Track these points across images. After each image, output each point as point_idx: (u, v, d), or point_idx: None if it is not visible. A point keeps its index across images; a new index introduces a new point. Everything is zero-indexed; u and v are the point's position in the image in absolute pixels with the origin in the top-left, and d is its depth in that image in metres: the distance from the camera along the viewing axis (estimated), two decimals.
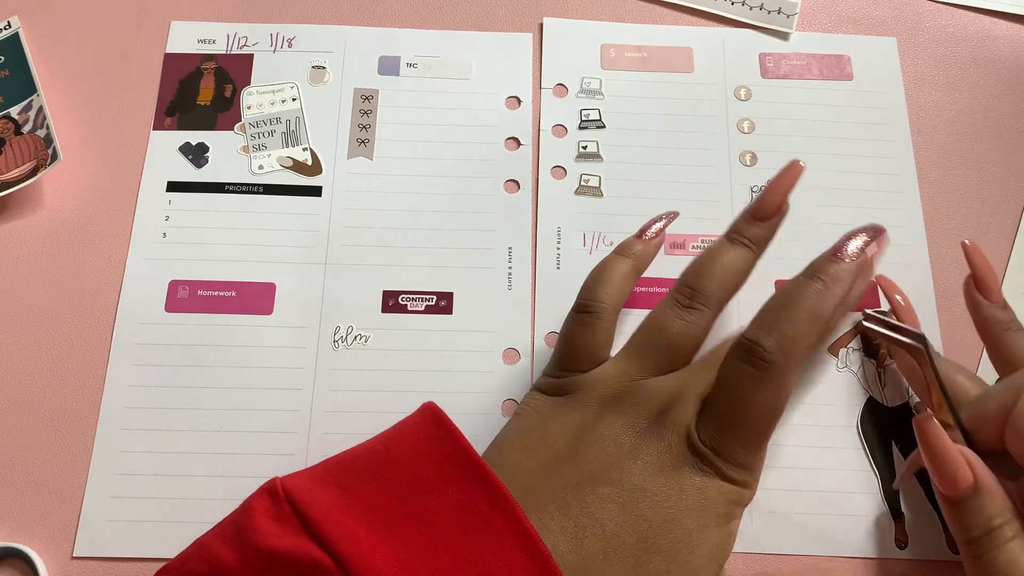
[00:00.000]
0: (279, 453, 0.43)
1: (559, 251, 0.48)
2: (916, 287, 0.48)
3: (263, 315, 0.46)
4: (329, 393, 0.45)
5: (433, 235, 0.48)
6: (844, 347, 0.47)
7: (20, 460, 0.43)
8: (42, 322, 0.46)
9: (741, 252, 0.38)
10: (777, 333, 0.32)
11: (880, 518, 0.43)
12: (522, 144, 0.51)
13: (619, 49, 0.53)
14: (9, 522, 0.42)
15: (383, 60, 0.53)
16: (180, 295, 0.46)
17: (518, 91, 0.52)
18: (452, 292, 0.47)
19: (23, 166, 0.48)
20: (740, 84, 0.53)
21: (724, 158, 0.51)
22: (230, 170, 0.50)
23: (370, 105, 0.51)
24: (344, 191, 0.49)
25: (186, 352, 0.45)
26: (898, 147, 0.52)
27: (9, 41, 0.52)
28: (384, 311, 0.46)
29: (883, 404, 0.45)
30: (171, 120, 0.51)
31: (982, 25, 0.56)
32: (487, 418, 0.44)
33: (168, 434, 0.44)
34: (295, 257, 0.48)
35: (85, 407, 0.44)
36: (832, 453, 0.44)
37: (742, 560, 0.42)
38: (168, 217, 0.48)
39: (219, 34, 0.53)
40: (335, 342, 0.46)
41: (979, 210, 0.50)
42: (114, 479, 0.43)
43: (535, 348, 0.46)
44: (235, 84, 0.52)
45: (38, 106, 0.49)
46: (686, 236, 0.49)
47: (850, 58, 0.54)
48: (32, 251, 0.48)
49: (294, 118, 0.51)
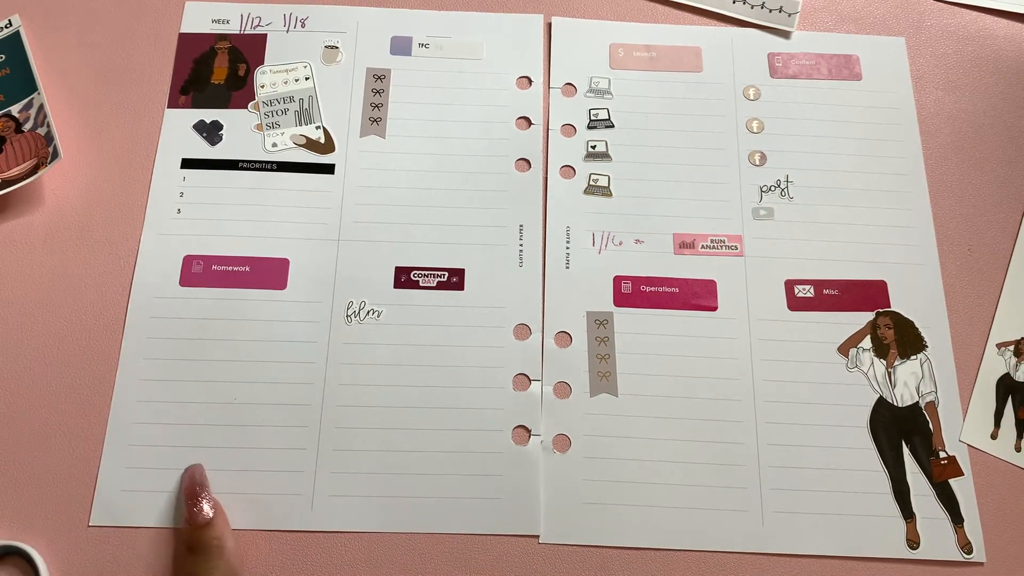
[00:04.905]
0: (292, 425, 0.44)
1: (568, 251, 0.48)
2: (926, 286, 0.48)
3: (277, 290, 0.47)
4: (342, 367, 0.45)
5: (445, 212, 0.49)
6: (854, 347, 0.47)
7: (37, 438, 0.44)
8: (53, 307, 0.46)
9: None
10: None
11: (891, 519, 0.43)
12: (533, 124, 0.51)
13: (628, 49, 0.54)
14: (26, 497, 0.43)
15: (395, 40, 0.53)
16: (195, 269, 0.47)
17: (529, 71, 0.53)
18: (463, 268, 0.47)
19: (24, 164, 0.48)
20: (749, 84, 0.53)
21: (733, 158, 0.51)
22: (244, 148, 0.50)
23: (382, 85, 0.52)
24: (357, 169, 0.50)
25: (200, 326, 0.46)
26: (907, 147, 0.52)
27: (10, 40, 0.52)
28: (396, 287, 0.47)
29: (893, 404, 0.46)
30: (185, 99, 0.51)
31: (984, 24, 0.56)
32: (498, 392, 0.45)
33: (182, 406, 0.44)
34: (308, 233, 0.48)
35: (100, 380, 0.45)
36: (842, 453, 0.44)
37: (755, 560, 0.42)
38: (183, 193, 0.49)
39: (233, 14, 0.53)
40: (348, 317, 0.46)
41: (982, 208, 0.51)
42: (129, 450, 0.43)
43: (544, 338, 0.47)
44: (249, 63, 0.52)
45: (39, 104, 0.49)
46: (696, 236, 0.49)
47: (859, 58, 0.54)
48: (35, 245, 0.48)
49: (307, 97, 0.51)
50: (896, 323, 0.47)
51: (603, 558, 0.42)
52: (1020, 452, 0.45)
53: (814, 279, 0.48)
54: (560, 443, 0.44)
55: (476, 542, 0.42)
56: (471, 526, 0.42)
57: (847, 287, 0.48)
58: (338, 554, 0.42)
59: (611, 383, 0.45)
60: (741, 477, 0.44)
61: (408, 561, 0.42)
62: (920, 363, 0.46)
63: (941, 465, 0.44)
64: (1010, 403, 0.46)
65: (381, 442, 0.44)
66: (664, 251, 0.48)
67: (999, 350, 0.47)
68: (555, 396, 0.45)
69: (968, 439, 0.45)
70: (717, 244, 0.49)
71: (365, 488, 0.43)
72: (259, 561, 0.42)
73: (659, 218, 0.49)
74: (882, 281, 0.48)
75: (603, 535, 0.42)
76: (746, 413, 0.45)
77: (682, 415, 0.45)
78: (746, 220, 0.49)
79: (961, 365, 0.47)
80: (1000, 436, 0.45)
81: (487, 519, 0.43)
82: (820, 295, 0.48)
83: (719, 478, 0.44)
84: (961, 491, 0.44)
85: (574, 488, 0.43)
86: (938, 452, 0.45)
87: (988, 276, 0.49)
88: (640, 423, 0.45)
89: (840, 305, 0.48)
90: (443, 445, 0.44)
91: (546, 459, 0.44)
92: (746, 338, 0.47)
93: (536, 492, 0.43)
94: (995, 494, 0.44)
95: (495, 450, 0.44)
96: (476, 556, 0.42)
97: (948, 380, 0.46)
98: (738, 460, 0.44)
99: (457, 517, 0.42)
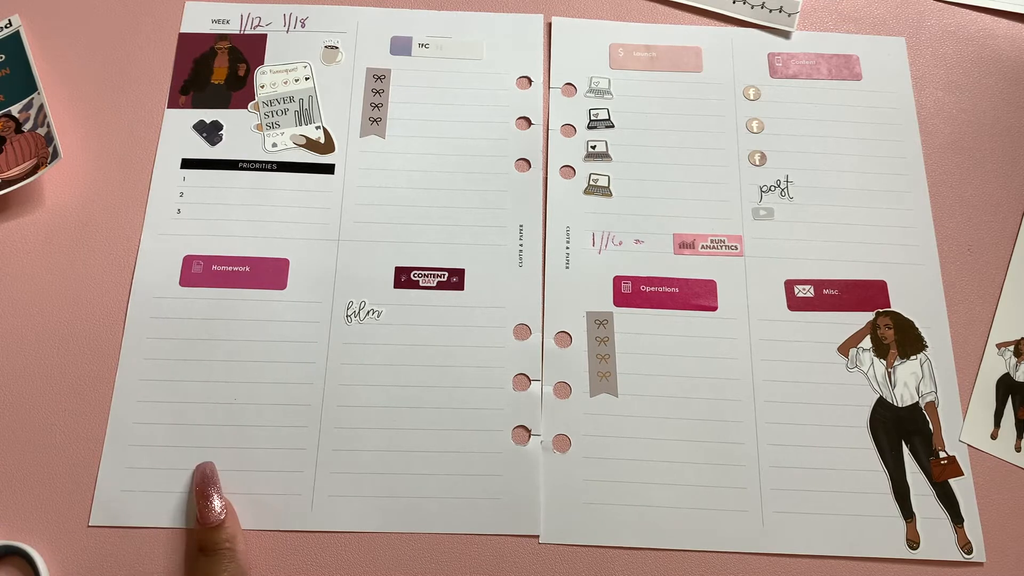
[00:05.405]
0: (292, 425, 0.44)
1: (568, 251, 0.48)
2: (926, 286, 0.48)
3: (277, 290, 0.47)
4: (342, 367, 0.45)
5: (445, 212, 0.49)
6: (854, 347, 0.47)
7: (37, 438, 0.44)
8: (53, 307, 0.46)
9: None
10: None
11: (891, 519, 0.43)
12: (533, 124, 0.51)
13: (628, 49, 0.54)
14: (26, 497, 0.43)
15: (395, 40, 0.53)
16: (195, 270, 0.47)
17: (529, 71, 0.53)
18: (463, 268, 0.47)
19: (24, 164, 0.48)
20: (749, 84, 0.53)
21: (733, 157, 0.51)
22: (244, 148, 0.50)
23: (382, 85, 0.52)
24: (356, 169, 0.50)
25: (200, 326, 0.46)
26: (907, 147, 0.52)
27: (10, 40, 0.52)
28: (396, 287, 0.47)
29: (893, 404, 0.46)
30: (185, 99, 0.51)
31: (984, 24, 0.56)
32: (497, 392, 0.45)
33: (182, 406, 0.44)
34: (308, 233, 0.48)
35: (100, 380, 0.45)
36: (842, 453, 0.44)
37: (755, 560, 0.42)
38: (182, 194, 0.49)
39: (233, 14, 0.53)
40: (348, 317, 0.46)
41: (982, 208, 0.51)
42: (129, 450, 0.43)
43: (544, 338, 0.47)
44: (249, 63, 0.52)
45: (39, 104, 0.49)
46: (696, 236, 0.49)
47: (859, 58, 0.54)
48: (35, 245, 0.48)
49: (307, 97, 0.51)
50: (896, 323, 0.47)
51: (603, 558, 0.42)
52: (1020, 452, 0.45)
53: (814, 279, 0.48)
54: (560, 443, 0.44)
55: (476, 542, 0.42)
56: (471, 526, 0.42)
57: (847, 287, 0.48)
58: (338, 554, 0.42)
59: (611, 383, 0.45)
60: (741, 477, 0.44)
61: (408, 561, 0.42)
62: (920, 363, 0.46)
63: (941, 465, 0.44)
64: (1010, 403, 0.46)
65: (381, 442, 0.44)
66: (664, 251, 0.48)
67: (999, 350, 0.47)
68: (555, 396, 0.45)
69: (968, 439, 0.45)
70: (717, 244, 0.49)
71: (365, 488, 0.43)
72: (259, 561, 0.42)
73: (659, 218, 0.49)
74: (882, 281, 0.48)
75: (603, 535, 0.42)
76: (746, 413, 0.45)
77: (682, 415, 0.45)
78: (746, 220, 0.49)
79: (961, 365, 0.47)
80: (1000, 436, 0.45)
81: (487, 519, 0.43)
82: (820, 295, 0.48)
83: (719, 478, 0.44)
84: (961, 491, 0.44)
85: (574, 488, 0.43)
86: (938, 452, 0.45)
87: (988, 276, 0.49)
88: (640, 423, 0.45)
89: (840, 305, 0.48)
90: (443, 445, 0.44)
91: (546, 459, 0.44)
92: (746, 338, 0.47)
93: (536, 492, 0.43)
94: (995, 494, 0.44)
95: (495, 450, 0.44)
96: (476, 556, 0.42)
97: (948, 380, 0.46)
98: (738, 460, 0.44)
99: (457, 517, 0.42)
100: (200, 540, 0.40)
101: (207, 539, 0.40)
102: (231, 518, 0.41)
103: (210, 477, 0.42)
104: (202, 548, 0.40)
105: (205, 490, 0.41)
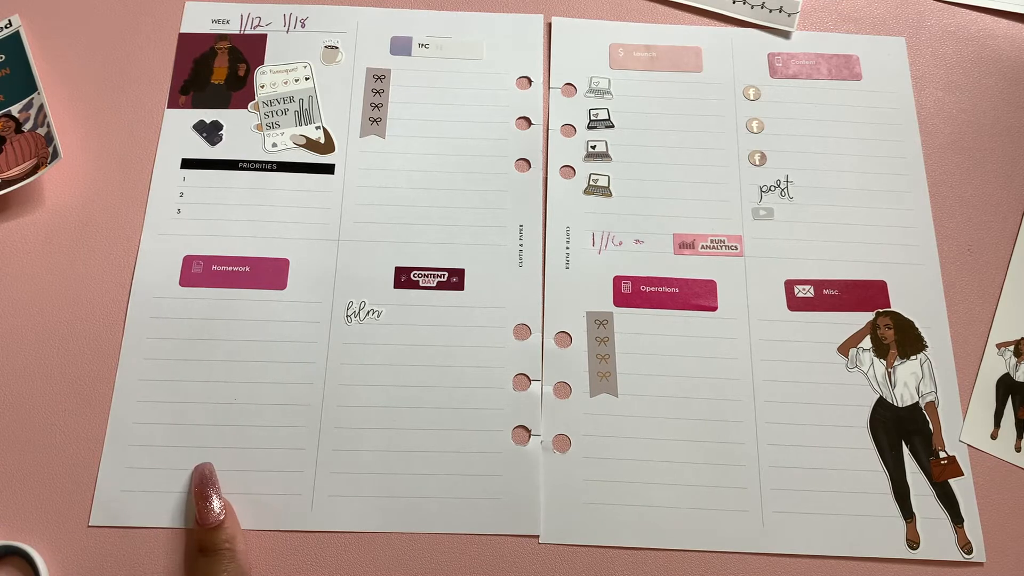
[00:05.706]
0: (292, 425, 0.44)
1: (568, 251, 0.48)
2: (926, 286, 0.48)
3: (277, 290, 0.47)
4: (342, 367, 0.45)
5: (445, 212, 0.49)
6: (854, 347, 0.47)
7: (37, 438, 0.44)
8: (53, 307, 0.46)
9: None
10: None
11: (891, 519, 0.43)
12: (533, 124, 0.51)
13: (628, 49, 0.54)
14: (26, 497, 0.43)
15: (395, 40, 0.53)
16: (195, 270, 0.47)
17: (529, 72, 0.53)
18: (463, 268, 0.47)
19: (24, 164, 0.48)
20: (749, 84, 0.53)
21: (733, 157, 0.51)
22: (244, 148, 0.50)
23: (382, 85, 0.52)
24: (356, 169, 0.50)
25: (200, 326, 0.46)
26: (907, 147, 0.52)
27: (10, 40, 0.52)
28: (396, 287, 0.47)
29: (893, 404, 0.46)
30: (185, 99, 0.51)
31: (984, 24, 0.56)
32: (497, 392, 0.45)
33: (182, 406, 0.44)
34: (308, 233, 0.48)
35: (100, 380, 0.45)
36: (842, 453, 0.44)
37: (755, 560, 0.42)
38: (182, 194, 0.49)
39: (233, 14, 0.53)
40: (348, 317, 0.46)
41: (982, 208, 0.51)
42: (129, 450, 0.43)
43: (544, 338, 0.47)
44: (249, 63, 0.52)
45: (39, 104, 0.49)
46: (695, 236, 0.49)
47: (859, 58, 0.54)
48: (35, 245, 0.48)
49: (307, 97, 0.51)
50: (896, 323, 0.47)
51: (603, 558, 0.42)
52: (1020, 452, 0.45)
53: (814, 279, 0.48)
54: (560, 443, 0.44)
55: (476, 542, 0.42)
56: (471, 526, 0.42)
57: (847, 287, 0.48)
58: (338, 554, 0.42)
59: (611, 383, 0.45)
60: (741, 477, 0.44)
61: (408, 561, 0.42)
62: (920, 363, 0.47)
63: (941, 465, 0.44)
64: (1010, 403, 0.46)
65: (381, 442, 0.44)
66: (664, 251, 0.48)
67: (999, 350, 0.47)
68: (555, 396, 0.45)
69: (968, 439, 0.45)
70: (717, 244, 0.49)
71: (365, 488, 0.43)
72: (259, 561, 0.42)
73: (659, 218, 0.49)
74: (882, 281, 0.48)
75: (603, 535, 0.42)
76: (746, 413, 0.45)
77: (682, 415, 0.45)
78: (746, 220, 0.49)
79: (961, 365, 0.47)
80: (1000, 436, 0.45)
81: (487, 519, 0.43)
82: (820, 295, 0.48)
83: (719, 478, 0.44)
84: (961, 491, 0.44)
85: (574, 488, 0.43)
86: (938, 452, 0.45)
87: (988, 276, 0.49)
88: (640, 423, 0.45)
89: (840, 305, 0.48)
90: (443, 445, 0.44)
91: (546, 459, 0.44)
92: (746, 338, 0.47)
93: (536, 492, 0.43)
94: (995, 494, 0.44)
95: (495, 450, 0.44)
96: (476, 556, 0.42)
97: (948, 380, 0.46)
98: (738, 460, 0.44)
99: (457, 517, 0.42)
100: (200, 540, 0.40)
101: (207, 539, 0.40)
102: (230, 518, 0.41)
103: (209, 478, 0.42)
104: (202, 548, 0.40)
105: (204, 491, 0.41)
